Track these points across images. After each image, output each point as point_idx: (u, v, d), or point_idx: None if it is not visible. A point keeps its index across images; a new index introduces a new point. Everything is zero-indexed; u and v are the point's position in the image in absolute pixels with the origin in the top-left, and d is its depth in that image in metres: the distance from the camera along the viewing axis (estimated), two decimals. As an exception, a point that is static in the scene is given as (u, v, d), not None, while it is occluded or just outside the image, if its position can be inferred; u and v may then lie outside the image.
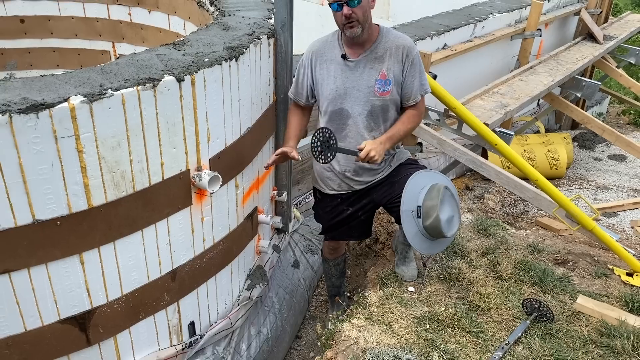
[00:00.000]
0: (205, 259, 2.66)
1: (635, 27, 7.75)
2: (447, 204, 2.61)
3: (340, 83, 2.62)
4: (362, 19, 2.45)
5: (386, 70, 2.58)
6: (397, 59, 2.58)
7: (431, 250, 2.76)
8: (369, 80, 2.59)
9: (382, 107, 2.64)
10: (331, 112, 2.69)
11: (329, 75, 2.64)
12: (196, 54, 2.38)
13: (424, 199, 2.59)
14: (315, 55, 2.67)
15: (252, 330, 3.11)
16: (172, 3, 4.14)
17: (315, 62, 2.66)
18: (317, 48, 2.68)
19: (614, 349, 2.58)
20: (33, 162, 1.86)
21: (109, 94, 1.95)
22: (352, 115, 2.65)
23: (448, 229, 2.60)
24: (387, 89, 2.60)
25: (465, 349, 2.51)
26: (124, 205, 2.17)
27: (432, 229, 2.58)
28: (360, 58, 2.58)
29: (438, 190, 2.59)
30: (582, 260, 3.43)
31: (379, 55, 2.58)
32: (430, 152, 5.29)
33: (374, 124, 2.68)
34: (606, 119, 9.68)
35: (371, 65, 2.58)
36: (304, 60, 2.70)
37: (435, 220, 2.55)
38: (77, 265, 2.14)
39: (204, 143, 2.40)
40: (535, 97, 4.88)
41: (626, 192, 5.26)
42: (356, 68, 2.59)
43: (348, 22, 2.45)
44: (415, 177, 2.64)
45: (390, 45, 2.58)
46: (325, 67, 2.65)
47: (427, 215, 2.57)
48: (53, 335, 2.19)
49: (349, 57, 2.59)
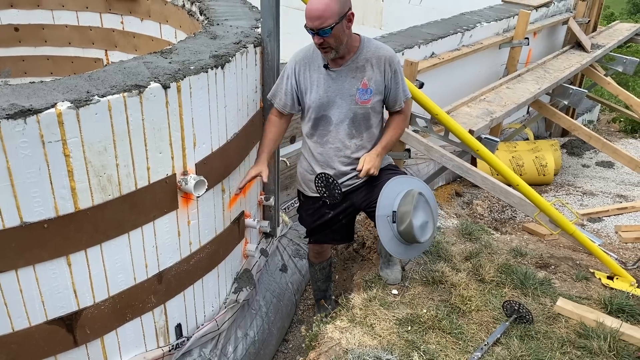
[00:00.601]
0: (192, 262, 2.72)
1: (623, 36, 7.87)
2: (422, 210, 2.66)
3: (324, 92, 2.69)
4: (334, 45, 2.52)
5: (367, 79, 2.66)
6: (379, 69, 2.66)
7: (406, 254, 2.82)
8: (350, 89, 2.67)
9: (363, 115, 2.72)
10: (315, 119, 2.76)
11: (313, 84, 2.70)
12: (183, 61, 2.45)
13: (399, 205, 2.65)
14: (298, 65, 2.72)
15: (239, 333, 3.16)
16: (163, 12, 4.22)
17: (299, 71, 2.72)
18: (301, 57, 2.74)
19: (591, 349, 2.64)
20: (21, 166, 1.92)
21: (96, 100, 2.01)
22: (335, 122, 2.73)
23: (421, 235, 2.66)
24: (368, 97, 2.69)
25: (445, 350, 2.57)
26: (110, 208, 2.23)
27: (405, 234, 2.64)
28: (342, 68, 2.66)
29: (412, 197, 2.64)
30: (564, 264, 3.50)
31: (360, 65, 2.65)
32: (420, 159, 5.37)
33: (356, 131, 2.77)
34: (597, 126, 9.80)
35: (353, 74, 2.66)
36: (288, 69, 2.75)
37: (409, 226, 2.61)
38: (64, 266, 2.19)
39: (190, 148, 2.46)
40: (521, 104, 4.97)
41: (612, 198, 5.34)
42: (338, 77, 2.67)
43: (321, 48, 2.54)
44: (391, 182, 2.70)
45: (371, 56, 2.65)
46: (309, 75, 2.71)
47: (401, 220, 2.63)
48: (40, 336, 2.24)
49: (331, 67, 2.66)
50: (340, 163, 2.81)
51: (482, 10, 6.30)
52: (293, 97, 2.77)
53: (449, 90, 5.27)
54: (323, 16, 2.42)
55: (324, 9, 2.41)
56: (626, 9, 42.86)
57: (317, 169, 2.85)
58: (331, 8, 2.42)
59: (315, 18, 2.43)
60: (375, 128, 2.80)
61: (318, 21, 2.43)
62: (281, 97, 2.78)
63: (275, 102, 2.82)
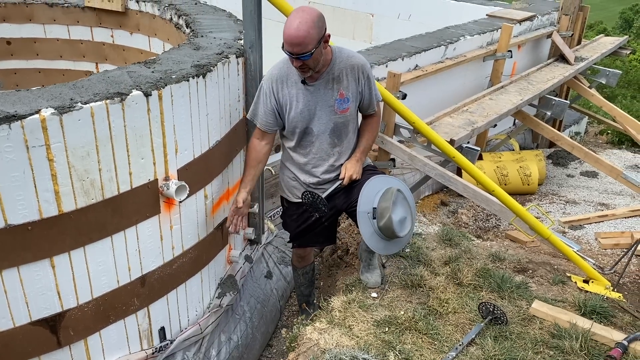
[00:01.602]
0: (175, 266, 2.79)
1: (606, 49, 8.03)
2: (400, 206, 2.78)
3: (303, 106, 2.76)
4: (312, 65, 2.60)
5: (344, 89, 2.76)
6: (353, 78, 2.77)
7: (387, 250, 2.91)
8: (329, 100, 2.77)
9: (343, 123, 2.84)
10: (298, 133, 2.84)
11: (292, 100, 2.76)
12: (165, 71, 2.55)
13: (379, 201, 2.76)
14: (275, 83, 2.75)
15: (223, 337, 3.22)
16: (152, 26, 4.34)
17: (277, 89, 2.76)
18: (276, 76, 2.76)
19: (563, 349, 2.71)
20: (5, 169, 2.01)
21: (79, 107, 2.10)
22: (316, 133, 2.83)
23: (400, 229, 2.77)
24: (346, 106, 2.79)
25: (421, 350, 2.64)
26: (93, 211, 2.30)
27: (385, 229, 2.74)
28: (319, 81, 2.74)
29: (391, 193, 2.76)
30: (542, 268, 3.58)
31: (336, 76, 2.75)
32: (405, 169, 5.47)
33: (337, 140, 2.88)
34: (584, 138, 9.94)
35: (330, 86, 2.75)
36: (266, 89, 2.77)
37: (388, 221, 2.72)
38: (48, 268, 2.26)
39: (172, 154, 2.55)
40: (503, 115, 5.08)
41: (594, 206, 5.43)
42: (316, 90, 2.75)
43: (300, 69, 2.62)
44: (371, 181, 2.83)
45: (345, 66, 2.75)
46: (287, 92, 2.76)
47: (381, 216, 2.74)
48: (24, 337, 2.30)
49: (308, 81, 2.73)
50: (324, 172, 2.92)
51: (466, 24, 6.44)
52: (275, 115, 2.81)
53: (432, 102, 5.38)
54: (303, 43, 2.47)
55: (305, 36, 2.45)
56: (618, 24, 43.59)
57: (300, 176, 2.95)
58: (311, 35, 2.47)
59: (296, 44, 2.48)
60: (353, 133, 2.93)
61: (298, 47, 2.48)
62: (262, 116, 2.82)
63: (257, 122, 2.84)
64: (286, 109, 2.79)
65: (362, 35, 8.93)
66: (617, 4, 52.70)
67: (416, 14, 8.12)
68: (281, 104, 2.79)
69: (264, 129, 2.85)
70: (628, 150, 8.15)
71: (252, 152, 2.89)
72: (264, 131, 2.85)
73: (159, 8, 4.21)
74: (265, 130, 2.85)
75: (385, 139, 4.26)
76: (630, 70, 18.10)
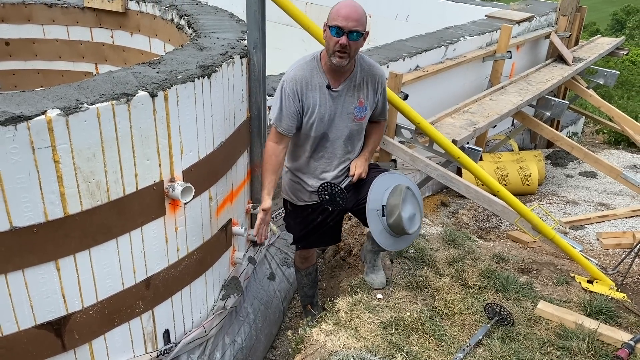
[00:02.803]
0: (180, 268, 2.77)
1: (604, 50, 8.06)
2: (409, 203, 2.78)
3: (325, 111, 2.72)
4: (353, 53, 2.58)
5: (364, 98, 2.77)
6: (373, 88, 2.79)
7: (396, 246, 2.92)
8: (349, 107, 2.76)
9: (357, 130, 2.85)
10: (313, 137, 2.80)
11: (315, 104, 2.71)
12: (170, 71, 2.53)
13: (388, 199, 2.76)
14: (299, 85, 2.67)
15: (227, 339, 3.20)
16: (152, 26, 4.31)
17: (301, 92, 2.68)
18: (300, 78, 2.68)
19: (570, 349, 2.71)
20: (11, 171, 1.98)
21: (85, 108, 2.08)
22: (332, 139, 2.81)
23: (410, 226, 2.77)
24: (364, 114, 2.81)
25: (428, 351, 2.62)
26: (99, 214, 2.28)
27: (395, 226, 2.74)
28: (342, 87, 2.71)
29: (401, 191, 2.76)
30: (546, 268, 3.58)
31: (357, 84, 2.74)
32: (406, 169, 5.46)
33: (350, 147, 2.89)
34: (581, 138, 9.97)
35: (351, 93, 2.74)
36: (288, 91, 2.67)
37: (398, 218, 2.72)
38: (53, 271, 2.24)
39: (177, 155, 2.52)
40: (504, 115, 5.08)
41: (594, 206, 5.44)
42: (338, 97, 2.72)
43: (340, 52, 2.54)
44: (380, 178, 2.83)
45: (366, 75, 2.75)
46: (312, 95, 2.70)
47: (391, 213, 2.74)
48: (29, 340, 2.28)
49: (332, 86, 2.70)
50: (334, 177, 2.91)
51: (465, 24, 6.45)
52: (298, 119, 2.73)
53: (433, 102, 5.38)
54: (360, 19, 2.51)
55: (362, 14, 2.52)
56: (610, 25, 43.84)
57: (308, 181, 2.92)
58: (364, 18, 2.55)
59: (353, 19, 2.49)
60: (363, 137, 2.96)
61: (355, 23, 2.49)
62: (287, 120, 2.71)
63: (280, 126, 2.72)
64: (307, 113, 2.72)
65: (360, 35, 8.92)
66: (609, 5, 53.02)
67: (414, 14, 8.12)
68: (304, 107, 2.71)
69: (285, 133, 2.73)
70: (626, 151, 8.18)
71: (272, 157, 2.76)
72: (283, 135, 2.74)
73: (159, 9, 4.19)
74: (286, 135, 2.75)
75: (386, 140, 4.25)
76: (623, 71, 18.20)
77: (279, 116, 2.72)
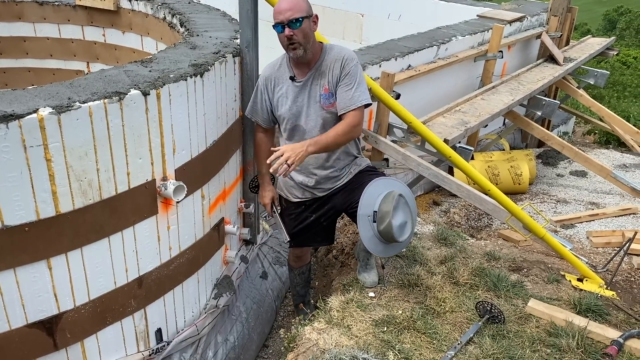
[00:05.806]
0: (172, 267, 2.77)
1: (594, 50, 8.12)
2: (401, 211, 2.77)
3: (292, 102, 2.80)
4: (302, 41, 2.61)
5: (327, 83, 2.75)
6: (335, 72, 2.74)
7: (385, 253, 2.91)
8: (315, 96, 2.78)
9: (331, 118, 2.80)
10: (289, 130, 2.87)
11: (282, 97, 2.81)
12: (162, 70, 2.53)
13: (380, 205, 2.75)
14: (268, 81, 2.83)
15: (219, 338, 3.20)
16: (145, 24, 4.30)
17: (269, 87, 2.83)
18: (269, 73, 2.84)
19: (560, 347, 2.73)
20: (3, 169, 1.97)
21: (77, 106, 2.08)
22: (307, 130, 2.82)
23: (400, 234, 2.76)
24: (332, 101, 2.77)
25: (420, 349, 2.64)
26: (91, 212, 2.28)
27: (385, 233, 2.74)
28: (307, 77, 2.76)
29: (393, 198, 2.75)
30: (536, 267, 3.61)
31: (322, 71, 2.75)
32: (398, 168, 5.48)
33: None
34: (572, 138, 10.03)
35: (316, 82, 2.76)
36: (260, 86, 2.86)
37: (388, 226, 2.71)
38: (45, 270, 2.23)
39: (170, 154, 2.52)
40: (495, 114, 5.11)
41: (584, 205, 5.49)
42: (304, 87, 2.77)
43: (290, 44, 2.61)
44: (373, 184, 2.82)
45: (331, 61, 2.75)
46: (278, 89, 2.82)
47: (382, 220, 2.73)
48: (20, 340, 2.27)
49: (296, 78, 2.77)
50: (320, 169, 2.90)
51: (457, 24, 6.47)
52: (267, 112, 2.90)
53: (425, 101, 5.40)
54: (294, 8, 2.55)
55: (295, 2, 2.56)
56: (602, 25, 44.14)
57: (296, 176, 2.93)
58: (300, 4, 2.58)
59: (286, 9, 2.55)
60: None
61: (289, 12, 2.55)
62: (259, 113, 2.91)
63: (257, 119, 2.94)
64: (277, 107, 2.85)
65: (352, 35, 8.93)
66: (600, 5, 53.41)
67: (406, 14, 8.15)
68: (273, 101, 2.85)
69: (265, 125, 2.94)
70: (615, 150, 8.24)
71: (261, 145, 2.99)
72: (265, 127, 2.94)
73: (152, 7, 4.18)
74: (266, 126, 2.95)
75: (378, 139, 4.27)
76: (614, 72, 18.33)
77: (251, 108, 2.93)
